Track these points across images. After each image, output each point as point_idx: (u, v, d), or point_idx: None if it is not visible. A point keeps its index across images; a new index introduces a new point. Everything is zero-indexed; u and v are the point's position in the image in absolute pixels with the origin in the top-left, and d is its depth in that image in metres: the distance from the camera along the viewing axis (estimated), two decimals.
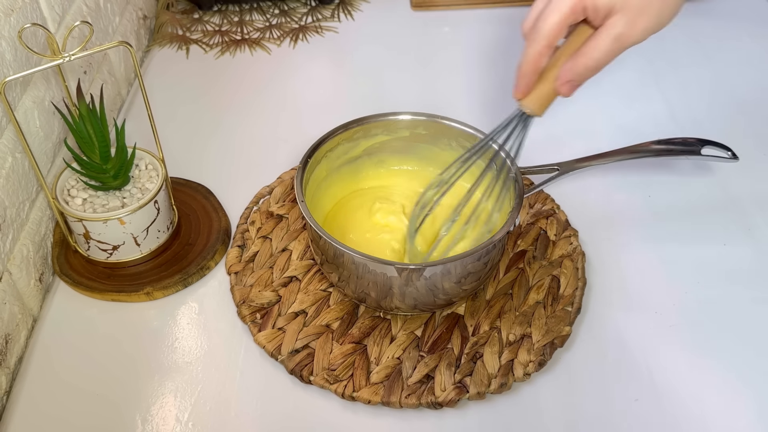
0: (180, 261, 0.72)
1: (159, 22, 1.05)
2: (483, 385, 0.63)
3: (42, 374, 0.65)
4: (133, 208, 0.68)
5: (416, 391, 0.63)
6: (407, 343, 0.66)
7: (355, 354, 0.65)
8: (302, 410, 0.63)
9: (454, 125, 0.73)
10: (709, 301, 0.71)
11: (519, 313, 0.68)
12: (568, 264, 0.72)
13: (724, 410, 0.63)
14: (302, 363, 0.64)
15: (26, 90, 0.68)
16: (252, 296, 0.69)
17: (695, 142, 0.76)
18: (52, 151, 0.73)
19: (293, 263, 0.72)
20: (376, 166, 0.77)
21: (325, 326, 0.67)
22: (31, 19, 0.68)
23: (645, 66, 0.99)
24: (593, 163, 0.72)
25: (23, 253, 0.67)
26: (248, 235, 0.75)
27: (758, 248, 0.75)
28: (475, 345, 0.66)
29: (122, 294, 0.69)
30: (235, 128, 0.89)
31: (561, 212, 0.77)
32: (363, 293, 0.66)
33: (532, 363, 0.64)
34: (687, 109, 0.91)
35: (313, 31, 1.05)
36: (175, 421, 0.62)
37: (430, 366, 0.64)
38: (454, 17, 1.08)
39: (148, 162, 0.73)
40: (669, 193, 0.81)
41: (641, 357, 0.66)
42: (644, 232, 0.77)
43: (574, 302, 0.69)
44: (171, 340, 0.68)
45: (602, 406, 0.63)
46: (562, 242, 0.74)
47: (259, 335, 0.66)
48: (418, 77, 0.97)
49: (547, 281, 0.71)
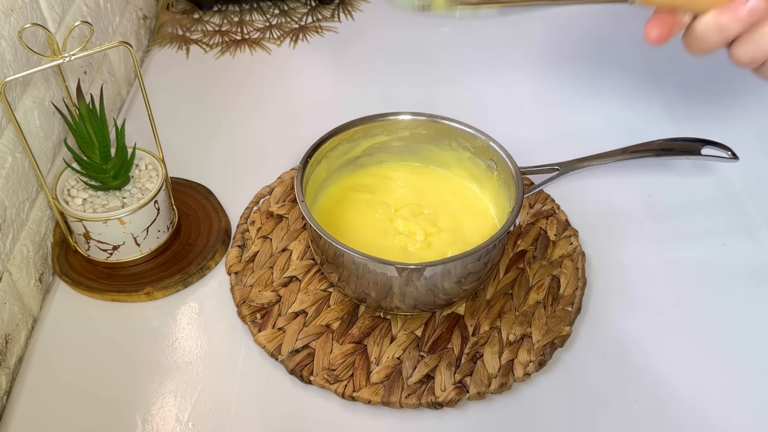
0: (180, 261, 0.72)
1: (159, 22, 1.05)
2: (483, 385, 0.63)
3: (42, 374, 0.65)
4: (133, 208, 0.68)
5: (416, 391, 0.63)
6: (407, 343, 0.66)
7: (355, 354, 0.65)
8: (302, 410, 0.63)
9: (455, 125, 0.73)
10: (709, 301, 0.71)
11: (519, 313, 0.68)
12: (568, 264, 0.72)
13: (724, 410, 0.63)
14: (302, 363, 0.64)
15: (26, 90, 0.68)
16: (252, 296, 0.69)
17: (695, 142, 0.77)
18: (52, 151, 0.73)
19: (293, 263, 0.72)
20: (376, 166, 0.77)
21: (326, 326, 0.67)
22: (31, 19, 0.68)
23: (645, 65, 0.99)
24: (593, 163, 0.72)
25: (23, 253, 0.67)
26: (248, 235, 0.75)
27: (758, 248, 0.75)
28: (476, 345, 0.66)
29: (122, 294, 0.69)
30: (236, 128, 0.89)
31: (561, 212, 0.77)
32: (363, 293, 0.66)
33: (532, 363, 0.64)
34: (687, 109, 0.91)
35: (313, 31, 1.05)
36: (175, 421, 0.62)
37: (430, 366, 0.64)
38: (454, 17, 1.08)
39: (148, 162, 0.73)
40: (669, 193, 0.81)
41: (641, 357, 0.66)
42: (644, 232, 0.77)
43: (574, 302, 0.69)
44: (171, 340, 0.68)
45: (602, 405, 0.63)
46: (562, 242, 0.74)
47: (260, 335, 0.66)
48: (418, 77, 0.97)
49: (547, 281, 0.71)
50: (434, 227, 0.72)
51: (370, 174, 0.77)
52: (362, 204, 0.75)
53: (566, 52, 1.02)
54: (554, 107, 0.93)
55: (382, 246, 0.70)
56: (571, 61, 1.00)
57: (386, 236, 0.72)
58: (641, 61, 0.99)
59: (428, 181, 0.77)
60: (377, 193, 0.76)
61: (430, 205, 0.74)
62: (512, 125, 0.87)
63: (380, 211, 0.74)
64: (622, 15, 1.07)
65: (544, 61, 1.00)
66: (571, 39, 1.04)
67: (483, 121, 0.74)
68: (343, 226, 0.72)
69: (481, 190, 0.75)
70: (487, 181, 0.74)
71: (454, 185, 0.76)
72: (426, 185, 0.77)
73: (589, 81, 0.97)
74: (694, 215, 0.79)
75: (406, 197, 0.76)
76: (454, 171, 0.76)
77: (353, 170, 0.76)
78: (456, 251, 0.65)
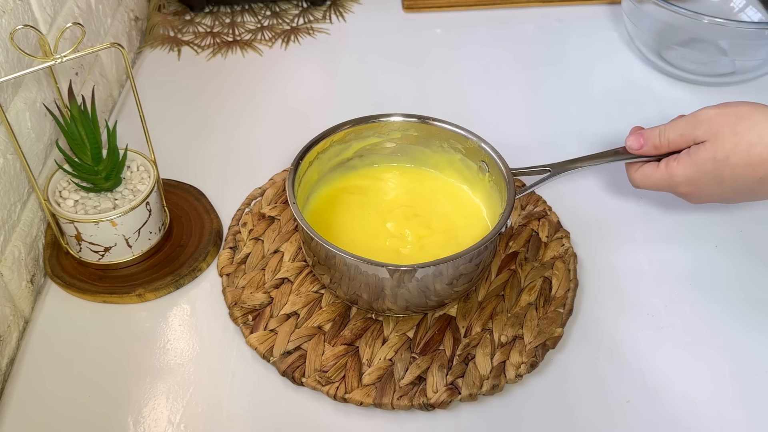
0: (172, 263, 0.72)
1: (150, 23, 1.05)
2: (475, 386, 0.63)
3: (33, 376, 0.65)
4: (125, 209, 0.67)
5: (408, 393, 0.63)
6: (399, 344, 0.66)
7: (347, 356, 0.65)
8: (294, 412, 0.63)
9: (446, 127, 0.73)
10: (700, 303, 0.71)
11: (511, 315, 0.68)
12: (560, 266, 0.72)
13: (715, 411, 0.63)
14: (294, 365, 0.64)
15: (18, 91, 0.68)
16: (244, 298, 0.69)
17: None
18: (43, 152, 0.73)
19: (285, 265, 0.72)
20: (368, 168, 0.77)
21: (317, 328, 0.67)
22: (23, 20, 0.68)
23: (638, 67, 0.99)
24: (585, 164, 0.73)
25: (15, 254, 0.67)
26: (240, 236, 0.75)
27: (749, 249, 0.75)
28: (467, 346, 0.66)
29: (114, 296, 0.69)
30: (227, 130, 0.89)
31: (553, 214, 0.77)
32: (355, 295, 0.66)
33: (523, 365, 0.64)
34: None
35: (304, 32, 1.05)
36: (167, 422, 0.62)
37: (422, 367, 0.64)
38: (445, 19, 1.08)
39: (140, 163, 0.73)
40: (660, 195, 0.81)
41: (633, 358, 0.66)
42: (636, 233, 0.77)
43: (566, 304, 0.69)
44: (163, 341, 0.67)
45: (594, 407, 0.63)
46: (554, 244, 0.74)
47: (251, 337, 0.66)
48: (409, 79, 0.97)
49: (539, 283, 0.71)
50: (426, 229, 0.72)
51: (361, 176, 0.77)
52: (354, 206, 0.75)
53: (557, 53, 1.02)
54: (545, 108, 0.93)
55: (374, 248, 0.71)
56: (563, 62, 1.00)
57: (378, 238, 0.72)
58: (634, 61, 0.99)
59: (420, 182, 0.77)
60: (369, 194, 0.76)
61: (422, 207, 0.75)
62: (504, 126, 0.87)
63: (372, 213, 0.74)
64: (613, 17, 1.08)
65: (536, 63, 1.00)
66: (562, 40, 1.04)
67: (474, 123, 0.74)
68: (335, 228, 0.72)
69: (473, 191, 0.75)
70: (478, 182, 0.74)
71: (446, 187, 0.76)
72: (418, 187, 0.77)
73: (581, 84, 0.97)
74: (686, 217, 0.79)
75: (398, 199, 0.76)
76: (446, 173, 0.77)
77: (345, 172, 0.77)
78: (448, 253, 0.65)
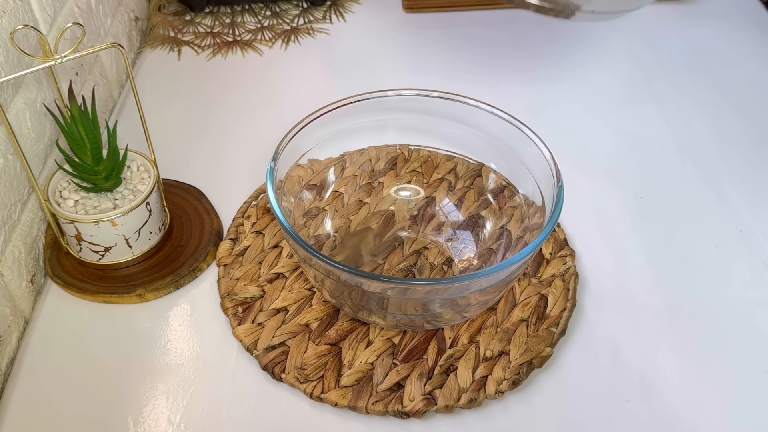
0: (172, 263, 0.72)
1: (151, 23, 1.05)
2: (452, 398, 0.62)
3: (33, 376, 0.65)
4: (125, 209, 0.67)
5: (384, 399, 0.62)
6: (383, 349, 0.65)
7: (328, 356, 0.65)
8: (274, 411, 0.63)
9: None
10: (701, 303, 0.71)
11: (500, 330, 0.67)
12: (559, 284, 0.70)
13: (716, 412, 0.63)
14: (275, 360, 0.64)
15: (18, 91, 0.68)
16: (237, 289, 0.69)
17: None
18: (43, 152, 0.73)
19: (282, 260, 0.72)
20: None
21: (304, 325, 0.67)
22: (23, 20, 0.68)
23: (635, 66, 0.99)
24: None
25: (15, 254, 0.67)
26: (242, 228, 0.75)
27: (750, 249, 0.75)
28: (451, 358, 0.65)
29: (114, 296, 0.69)
30: (227, 130, 0.89)
31: (560, 231, 0.75)
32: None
33: (506, 381, 0.63)
34: (679, 111, 0.91)
35: (304, 32, 1.05)
36: (167, 423, 0.62)
37: (401, 375, 0.63)
38: (446, 19, 1.08)
39: (140, 164, 0.73)
40: (661, 195, 0.81)
41: (633, 359, 0.66)
42: (636, 233, 0.77)
43: (560, 324, 0.67)
44: (163, 341, 0.67)
45: (594, 408, 0.63)
46: (556, 261, 0.72)
47: (238, 329, 0.66)
48: (409, 79, 0.97)
49: (535, 300, 0.69)
50: None
51: None
52: None
53: (558, 53, 1.02)
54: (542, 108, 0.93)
55: None
56: (563, 63, 1.00)
57: None
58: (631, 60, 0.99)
59: None
60: None
61: None
62: None
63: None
64: None
65: (536, 63, 1.00)
66: (563, 40, 1.04)
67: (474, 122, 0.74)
68: None
69: None
70: None
71: None
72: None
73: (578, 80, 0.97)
74: (686, 217, 0.79)
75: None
76: None
77: None
78: None
